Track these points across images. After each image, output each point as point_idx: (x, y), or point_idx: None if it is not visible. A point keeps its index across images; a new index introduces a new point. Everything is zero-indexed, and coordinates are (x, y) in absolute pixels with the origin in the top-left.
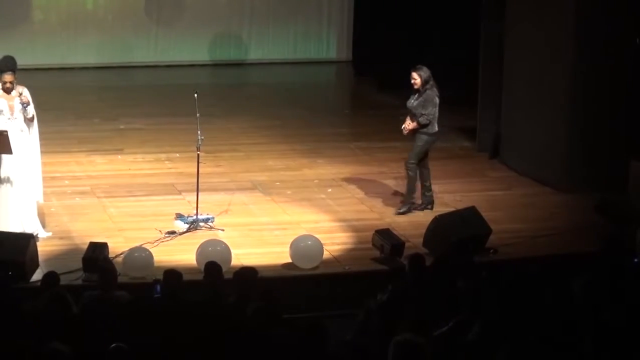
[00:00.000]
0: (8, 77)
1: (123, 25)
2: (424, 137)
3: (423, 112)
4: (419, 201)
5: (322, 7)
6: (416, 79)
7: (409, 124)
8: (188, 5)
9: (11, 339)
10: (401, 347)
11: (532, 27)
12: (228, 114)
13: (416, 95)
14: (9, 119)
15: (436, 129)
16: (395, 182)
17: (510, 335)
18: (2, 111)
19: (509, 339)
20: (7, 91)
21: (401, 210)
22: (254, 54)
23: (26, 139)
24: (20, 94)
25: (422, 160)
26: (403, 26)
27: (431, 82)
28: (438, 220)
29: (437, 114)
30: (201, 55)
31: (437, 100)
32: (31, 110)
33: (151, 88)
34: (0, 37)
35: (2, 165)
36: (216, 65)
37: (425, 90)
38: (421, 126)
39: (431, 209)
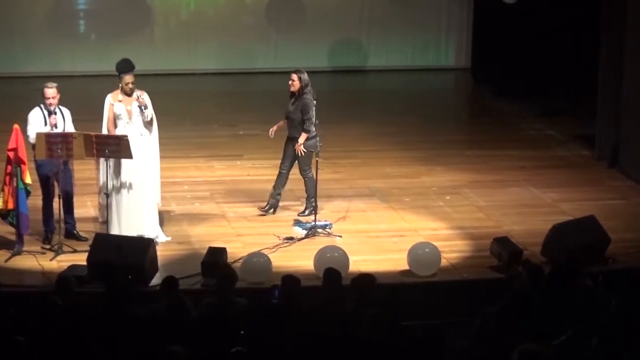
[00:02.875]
0: (129, 78)
1: (243, 31)
2: (308, 143)
3: (304, 118)
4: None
5: (441, 14)
6: (295, 80)
7: (299, 145)
8: (308, 12)
9: (130, 342)
10: (525, 357)
11: None
12: (346, 120)
13: (292, 100)
14: (127, 123)
15: (315, 131)
16: (515, 190)
17: (630, 347)
18: (120, 115)
19: (628, 350)
20: (128, 93)
21: (305, 213)
22: (373, 61)
23: (146, 143)
24: (138, 97)
25: (291, 166)
26: (522, 33)
27: (309, 87)
28: (557, 229)
29: (314, 118)
30: (320, 61)
31: (314, 104)
32: (149, 113)
33: (270, 94)
34: (122, 42)
35: (122, 170)
36: (335, 71)
37: (303, 95)
38: (307, 132)
39: (274, 212)
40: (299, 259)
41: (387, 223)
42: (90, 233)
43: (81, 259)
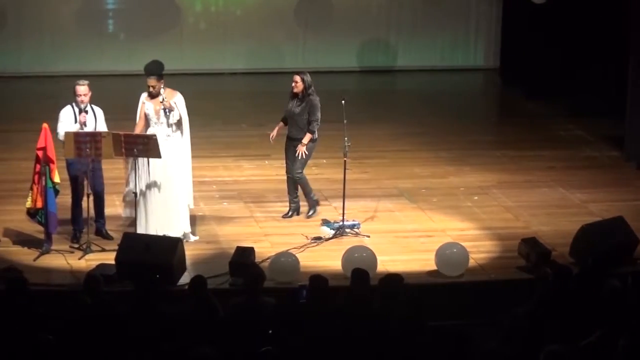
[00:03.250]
0: (150, 81)
1: (271, 31)
2: (310, 145)
3: (311, 119)
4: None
5: (469, 14)
6: (298, 82)
7: (303, 145)
8: (337, 12)
9: (158, 341)
10: (551, 358)
11: None
12: (374, 120)
13: (295, 101)
14: (155, 123)
15: (317, 135)
16: (543, 190)
17: None
18: (149, 115)
19: None
20: (153, 95)
21: (310, 214)
22: (402, 61)
23: (173, 144)
24: (163, 100)
25: None
26: (551, 34)
27: (313, 88)
28: (585, 230)
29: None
30: (349, 61)
31: (319, 105)
32: (174, 116)
33: None
34: (151, 43)
35: (150, 169)
36: (364, 71)
37: (308, 96)
38: (312, 133)
39: (297, 214)
40: (327, 258)
41: (415, 223)
42: (118, 232)
43: (109, 257)
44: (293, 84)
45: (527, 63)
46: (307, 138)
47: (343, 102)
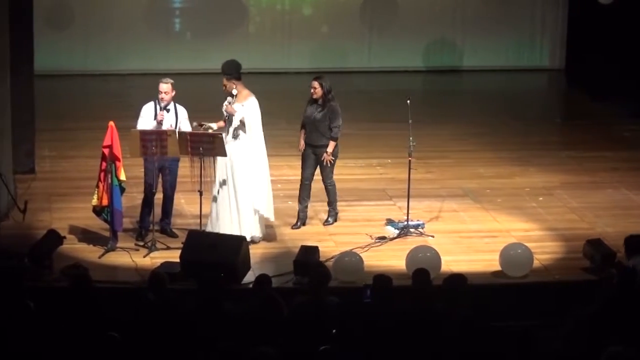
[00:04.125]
0: (223, 80)
1: (337, 30)
2: (336, 150)
3: (333, 125)
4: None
5: (535, 14)
6: (316, 87)
7: (329, 155)
8: (402, 12)
9: (222, 340)
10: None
11: None
12: (438, 120)
13: (316, 107)
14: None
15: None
16: (608, 191)
17: None
18: (224, 114)
19: None
20: (227, 95)
21: (330, 222)
22: (467, 61)
23: (239, 146)
24: (229, 103)
25: (314, 175)
26: (617, 34)
27: (332, 93)
28: None
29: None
30: (414, 61)
31: (340, 111)
32: (236, 121)
33: (364, 94)
34: (216, 41)
35: (217, 168)
36: (429, 71)
37: (328, 101)
38: (335, 140)
39: (304, 225)
40: (391, 258)
41: (479, 223)
42: (182, 230)
43: (174, 256)
44: (312, 90)
45: (592, 64)
46: (331, 146)
47: (408, 101)
